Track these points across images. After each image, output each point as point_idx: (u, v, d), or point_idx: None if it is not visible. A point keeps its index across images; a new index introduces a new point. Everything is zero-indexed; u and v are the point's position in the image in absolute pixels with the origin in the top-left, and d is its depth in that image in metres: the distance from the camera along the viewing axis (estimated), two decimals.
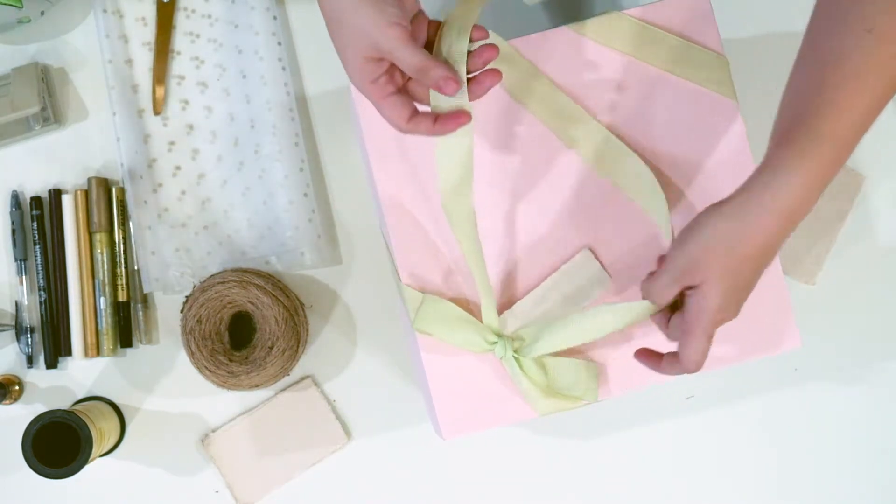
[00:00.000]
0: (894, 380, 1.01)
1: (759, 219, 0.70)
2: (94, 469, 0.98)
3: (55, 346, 0.98)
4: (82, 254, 0.98)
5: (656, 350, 0.77)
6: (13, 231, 0.99)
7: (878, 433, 1.01)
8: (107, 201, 0.99)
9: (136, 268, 0.99)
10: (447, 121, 0.73)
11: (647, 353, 0.78)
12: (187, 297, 0.96)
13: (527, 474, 1.00)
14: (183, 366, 0.99)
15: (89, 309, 0.98)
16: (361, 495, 1.00)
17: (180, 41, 1.00)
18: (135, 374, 1.00)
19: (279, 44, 0.99)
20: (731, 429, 1.01)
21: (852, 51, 0.69)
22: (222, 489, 0.99)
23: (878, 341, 1.01)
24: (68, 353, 0.98)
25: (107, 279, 0.98)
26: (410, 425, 1.00)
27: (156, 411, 1.00)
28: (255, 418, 0.99)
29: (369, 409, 1.00)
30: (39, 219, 0.99)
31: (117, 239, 0.99)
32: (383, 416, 1.00)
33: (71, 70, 1.01)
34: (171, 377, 1.00)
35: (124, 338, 0.99)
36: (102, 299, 0.98)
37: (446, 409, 0.84)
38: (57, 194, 0.99)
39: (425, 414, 0.99)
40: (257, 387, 0.96)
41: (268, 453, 0.99)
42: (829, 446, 1.01)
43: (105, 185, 0.99)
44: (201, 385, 0.97)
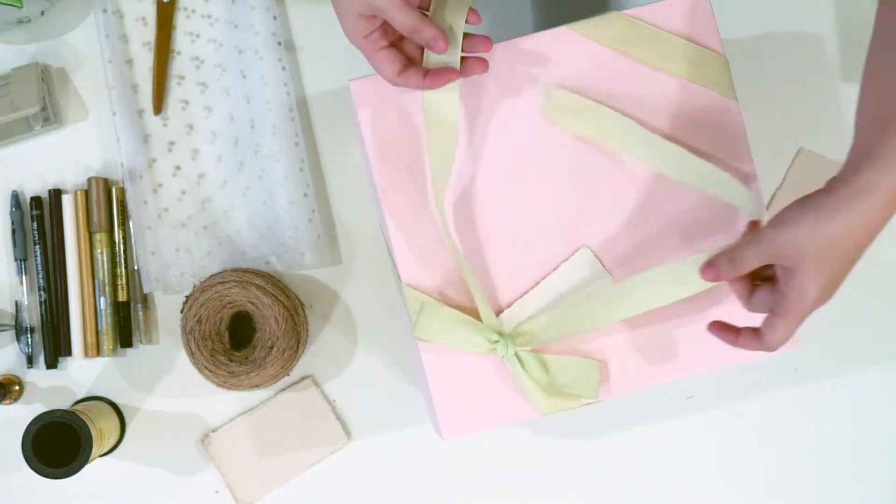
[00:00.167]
0: (894, 380, 1.01)
1: (866, 213, 0.70)
2: (94, 469, 0.98)
3: (55, 346, 0.98)
4: (82, 254, 0.98)
5: (732, 324, 0.78)
6: (13, 231, 0.99)
7: (878, 433, 1.01)
8: (107, 201, 0.99)
9: (136, 268, 0.99)
10: (436, 76, 0.79)
11: (723, 327, 0.78)
12: (187, 297, 0.96)
13: (527, 474, 1.00)
14: (183, 366, 0.99)
15: (89, 309, 0.98)
16: (361, 495, 1.00)
17: (180, 41, 1.00)
18: (135, 374, 1.00)
19: (279, 44, 0.99)
20: (731, 429, 1.01)
21: None
22: (222, 489, 0.99)
23: (878, 341, 1.01)
24: (68, 353, 0.99)
25: (107, 279, 0.98)
26: (410, 425, 1.00)
27: (156, 411, 1.00)
28: (255, 418, 0.99)
29: (369, 409, 1.00)
30: (39, 219, 0.99)
31: (117, 239, 0.99)
32: (383, 416, 1.00)
33: (71, 70, 1.01)
34: (171, 377, 1.00)
35: (124, 338, 0.99)
36: (102, 299, 0.98)
37: (446, 409, 0.84)
38: (57, 194, 0.99)
39: (425, 414, 0.99)
40: (257, 387, 0.96)
41: (268, 453, 0.99)
42: (829, 446, 1.01)
43: (105, 185, 0.99)
44: (201, 385, 0.97)
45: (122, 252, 0.99)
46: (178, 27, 1.00)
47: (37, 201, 0.99)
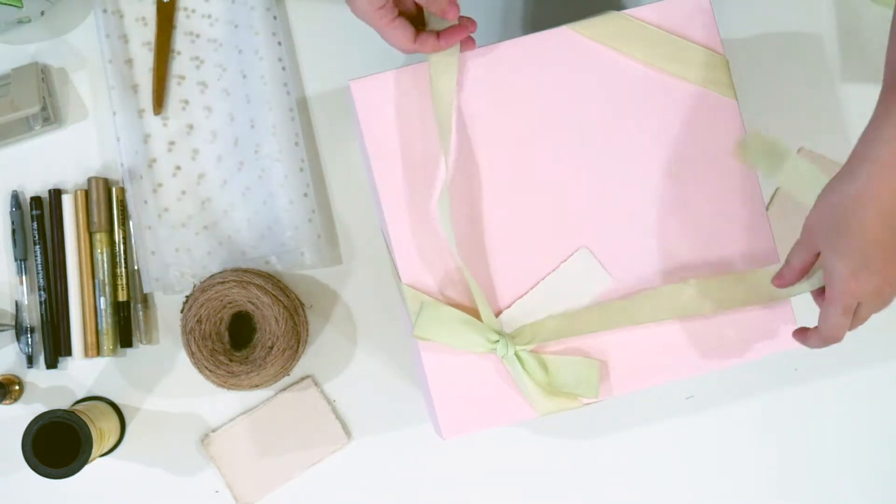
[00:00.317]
0: (894, 380, 1.01)
1: (868, 183, 0.70)
2: (94, 469, 0.98)
3: (55, 346, 0.98)
4: (82, 254, 0.98)
5: (807, 327, 0.79)
6: (13, 231, 0.99)
7: (878, 433, 1.01)
8: (107, 201, 0.99)
9: (136, 268, 0.99)
10: (449, 36, 0.82)
11: (800, 331, 0.79)
12: (187, 297, 0.96)
13: (527, 474, 1.00)
14: (183, 366, 0.99)
15: (89, 309, 0.98)
16: (361, 495, 1.00)
17: (180, 41, 1.00)
18: (135, 374, 1.00)
19: (279, 44, 0.99)
20: (731, 429, 1.01)
21: None
22: (222, 489, 0.99)
23: (878, 341, 1.01)
24: (68, 353, 0.98)
25: (107, 279, 0.98)
26: (410, 425, 1.00)
27: (156, 411, 1.00)
28: (255, 418, 0.99)
29: (369, 409, 1.00)
30: (39, 219, 0.99)
31: (117, 239, 0.99)
32: (383, 416, 1.00)
33: (71, 70, 1.01)
34: (171, 377, 1.00)
35: (124, 338, 0.99)
36: (102, 299, 0.98)
37: (446, 409, 0.84)
38: (57, 194, 0.99)
39: (425, 414, 0.99)
40: (257, 387, 0.96)
41: (268, 453, 0.99)
42: (829, 446, 1.01)
43: (105, 184, 0.99)
44: (201, 385, 0.97)
45: (122, 252, 0.99)
46: (178, 27, 1.00)
47: (37, 201, 0.99)
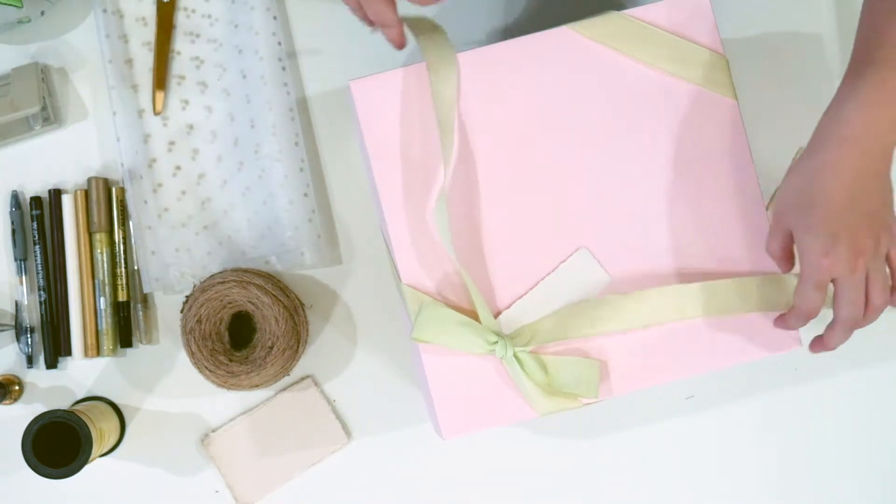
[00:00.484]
0: (894, 380, 1.01)
1: (829, 156, 0.71)
2: (94, 469, 0.98)
3: (55, 346, 0.98)
4: (82, 254, 0.98)
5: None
6: (13, 231, 0.99)
7: (878, 433, 1.01)
8: (107, 201, 0.99)
9: (136, 268, 0.99)
10: None
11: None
12: (187, 297, 0.96)
13: (527, 474, 1.00)
14: (183, 366, 0.99)
15: (89, 309, 0.98)
16: (361, 495, 1.00)
17: (180, 41, 1.00)
18: (135, 374, 1.00)
19: (279, 44, 0.99)
20: (731, 429, 1.01)
21: None
22: (222, 489, 0.99)
23: (878, 341, 1.01)
24: (68, 353, 0.99)
25: (107, 279, 0.98)
26: (410, 425, 1.00)
27: (156, 411, 1.00)
28: (255, 418, 0.99)
29: (369, 409, 1.00)
30: (39, 219, 0.99)
31: (117, 239, 0.99)
32: (383, 416, 1.00)
33: (71, 70, 1.01)
34: (171, 377, 1.00)
35: (124, 338, 0.99)
36: (102, 299, 0.98)
37: (446, 409, 0.84)
38: (57, 194, 0.99)
39: (425, 414, 0.99)
40: (257, 387, 0.96)
41: (268, 453, 0.99)
42: (829, 446, 1.01)
43: (105, 185, 0.99)
44: (201, 385, 0.97)
45: (122, 252, 0.99)
46: (178, 27, 1.00)
47: (37, 201, 0.99)
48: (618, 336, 0.85)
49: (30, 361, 0.99)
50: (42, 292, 0.99)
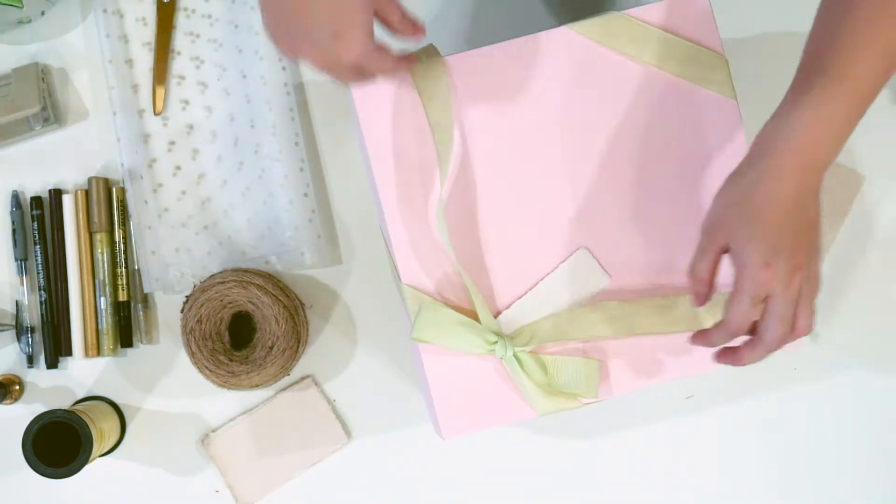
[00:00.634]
0: (895, 380, 1.01)
1: (771, 165, 0.69)
2: (94, 469, 0.98)
3: (55, 346, 0.99)
4: (83, 254, 0.99)
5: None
6: (13, 231, 0.99)
7: (878, 433, 1.01)
8: (107, 201, 0.99)
9: (136, 268, 1.00)
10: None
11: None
12: (187, 297, 0.96)
13: (527, 474, 1.00)
14: (183, 366, 0.99)
15: (89, 309, 0.99)
16: (361, 495, 1.00)
17: (180, 41, 1.00)
18: (135, 374, 1.00)
19: None
20: (731, 429, 1.01)
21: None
22: (222, 489, 0.99)
23: (877, 341, 1.01)
24: (68, 352, 0.99)
25: (107, 279, 0.99)
26: (410, 425, 1.00)
27: (156, 411, 1.00)
28: (255, 418, 0.99)
29: (369, 409, 1.00)
30: (40, 219, 0.99)
31: (117, 239, 0.99)
32: (383, 416, 1.00)
33: (71, 70, 1.01)
34: (171, 377, 1.00)
35: (124, 338, 0.99)
36: (103, 299, 0.98)
37: (446, 410, 0.84)
38: (57, 194, 0.99)
39: (425, 414, 0.99)
40: (257, 387, 0.96)
41: (268, 453, 0.99)
42: (828, 446, 1.01)
43: (105, 184, 0.99)
44: (201, 385, 0.97)
45: (122, 252, 0.99)
46: (178, 27, 1.00)
47: (37, 201, 0.99)
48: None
49: (30, 361, 0.99)
50: (42, 292, 0.99)
